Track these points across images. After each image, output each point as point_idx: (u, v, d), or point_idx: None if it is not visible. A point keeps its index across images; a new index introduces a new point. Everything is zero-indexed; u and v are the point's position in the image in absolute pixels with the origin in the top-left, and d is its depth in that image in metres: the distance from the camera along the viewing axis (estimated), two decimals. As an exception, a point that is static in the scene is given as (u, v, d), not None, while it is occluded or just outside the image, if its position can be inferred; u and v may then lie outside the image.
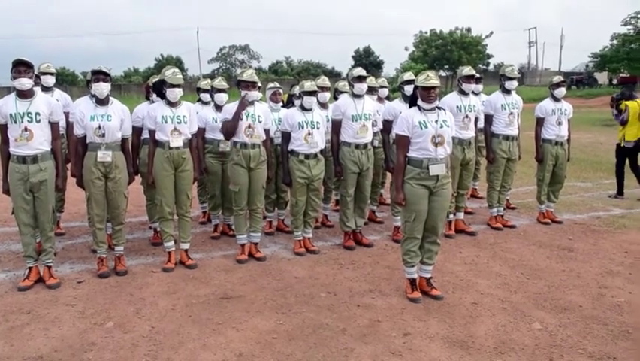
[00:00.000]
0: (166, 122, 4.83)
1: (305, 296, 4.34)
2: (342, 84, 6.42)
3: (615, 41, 42.81)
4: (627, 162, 8.11)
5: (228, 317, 3.96)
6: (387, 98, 6.91)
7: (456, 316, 4.00)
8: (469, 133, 5.82)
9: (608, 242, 5.86)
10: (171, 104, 4.89)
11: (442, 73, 45.98)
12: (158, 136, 4.86)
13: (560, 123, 6.43)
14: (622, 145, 8.11)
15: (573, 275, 4.87)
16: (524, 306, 4.19)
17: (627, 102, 8.12)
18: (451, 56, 45.00)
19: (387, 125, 5.71)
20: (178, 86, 4.84)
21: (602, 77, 46.37)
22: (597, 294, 4.44)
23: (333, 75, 50.47)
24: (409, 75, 6.08)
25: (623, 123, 8.04)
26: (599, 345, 3.59)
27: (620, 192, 8.09)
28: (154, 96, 5.19)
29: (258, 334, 3.69)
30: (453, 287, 4.56)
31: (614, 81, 44.03)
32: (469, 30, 47.12)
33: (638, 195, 7.92)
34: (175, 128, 4.85)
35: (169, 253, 5.04)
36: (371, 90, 6.10)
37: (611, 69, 43.65)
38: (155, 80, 5.30)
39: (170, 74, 4.84)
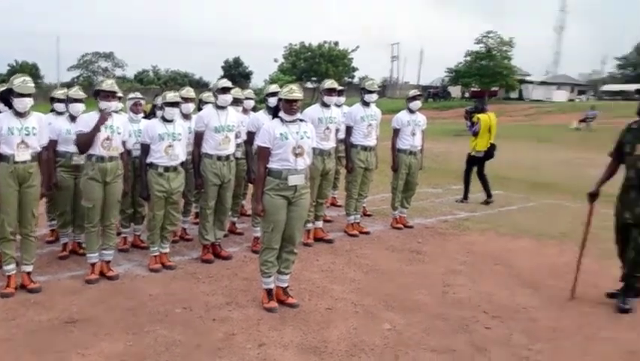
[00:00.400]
0: (12, 133, 4.42)
1: (159, 314, 4.20)
2: (207, 95, 6.34)
3: (468, 58, 47.38)
4: (475, 169, 8.91)
5: (73, 342, 3.70)
6: (254, 109, 6.95)
7: (310, 322, 4.13)
8: (330, 144, 6.04)
9: (453, 244, 6.42)
10: (19, 114, 4.49)
11: (310, 85, 47.46)
12: (3, 149, 4.42)
13: (414, 134, 6.87)
14: (472, 154, 8.88)
15: (421, 276, 5.26)
16: (375, 308, 4.44)
17: (479, 115, 8.86)
18: (318, 69, 46.72)
19: (251, 136, 5.72)
20: (28, 95, 4.46)
21: (455, 91, 50.95)
22: (441, 292, 4.85)
23: (201, 85, 49.54)
24: (274, 87, 6.18)
25: (475, 134, 8.80)
26: (441, 339, 3.92)
27: (465, 196, 8.89)
28: (1, 106, 4.78)
29: (105, 358, 3.51)
30: (309, 294, 4.68)
31: (466, 94, 48.68)
32: (336, 44, 49.25)
33: (481, 199, 8.77)
34: (22, 141, 4.45)
35: (9, 276, 4.58)
36: (237, 101, 6.10)
37: (464, 83, 48.20)
38: (2, 88, 4.90)
39: (20, 82, 4.44)
